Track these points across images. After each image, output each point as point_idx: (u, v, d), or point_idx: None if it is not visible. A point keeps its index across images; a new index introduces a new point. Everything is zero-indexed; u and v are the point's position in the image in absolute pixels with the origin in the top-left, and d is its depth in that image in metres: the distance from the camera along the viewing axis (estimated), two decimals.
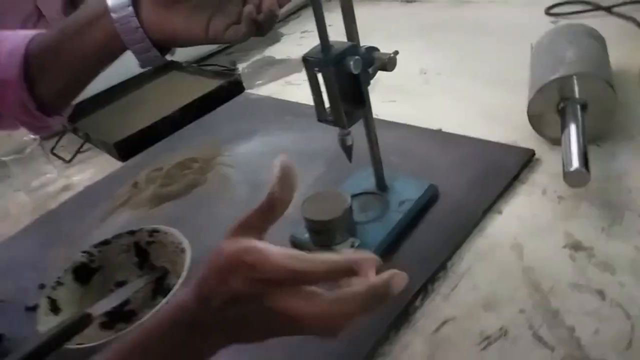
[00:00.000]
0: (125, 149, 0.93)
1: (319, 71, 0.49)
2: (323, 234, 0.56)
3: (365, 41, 0.52)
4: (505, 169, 0.62)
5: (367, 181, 0.63)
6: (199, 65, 1.20)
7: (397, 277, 0.34)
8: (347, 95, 0.51)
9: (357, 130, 0.56)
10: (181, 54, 1.25)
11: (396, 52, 0.52)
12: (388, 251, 0.55)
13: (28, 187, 0.90)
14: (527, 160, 0.62)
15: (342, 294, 0.33)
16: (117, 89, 1.19)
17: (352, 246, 0.55)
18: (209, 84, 1.05)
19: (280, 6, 0.44)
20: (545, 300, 0.46)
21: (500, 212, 0.57)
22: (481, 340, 0.45)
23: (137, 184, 0.82)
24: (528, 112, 0.64)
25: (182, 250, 0.57)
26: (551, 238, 0.52)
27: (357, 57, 0.48)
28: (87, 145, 1.02)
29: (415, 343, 0.46)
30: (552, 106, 0.61)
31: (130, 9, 0.45)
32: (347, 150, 0.54)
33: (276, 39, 1.29)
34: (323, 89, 0.50)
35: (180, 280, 0.53)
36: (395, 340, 0.47)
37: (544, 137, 0.65)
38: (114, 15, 0.45)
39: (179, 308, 0.36)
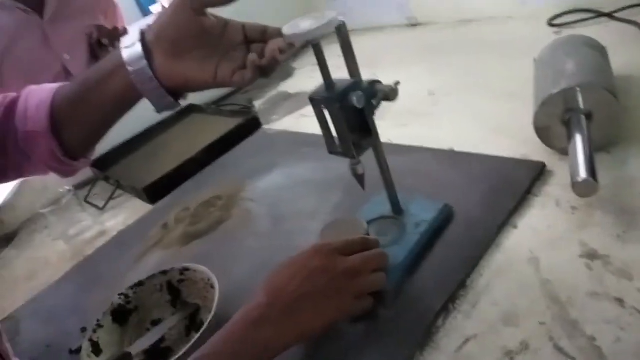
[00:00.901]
0: (154, 193, 0.98)
1: (325, 108, 0.52)
2: None
3: (373, 68, 0.55)
4: (518, 183, 0.63)
5: (383, 206, 0.65)
6: (217, 106, 1.26)
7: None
8: (354, 127, 0.54)
9: (372, 157, 0.58)
10: (200, 97, 1.32)
11: (397, 83, 0.55)
12: (408, 272, 0.57)
13: (66, 236, 0.95)
14: (538, 172, 0.63)
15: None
16: (143, 136, 1.26)
17: None
18: (228, 123, 1.10)
19: (281, 53, 0.48)
20: (565, 312, 0.47)
21: (515, 227, 0.58)
22: (503, 355, 0.45)
23: (166, 224, 0.86)
24: (534, 126, 0.65)
25: (212, 286, 0.60)
26: (567, 249, 0.53)
27: (359, 92, 0.51)
28: (118, 192, 1.08)
29: None
30: (557, 118, 0.63)
31: (145, 61, 0.50)
32: (359, 178, 0.57)
33: (289, 74, 1.34)
34: (331, 123, 0.53)
35: (211, 315, 0.56)
36: None
37: (553, 149, 0.66)
38: (130, 68, 0.50)
39: (252, 307, 0.48)
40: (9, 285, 0.93)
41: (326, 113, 0.53)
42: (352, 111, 0.52)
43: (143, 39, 0.50)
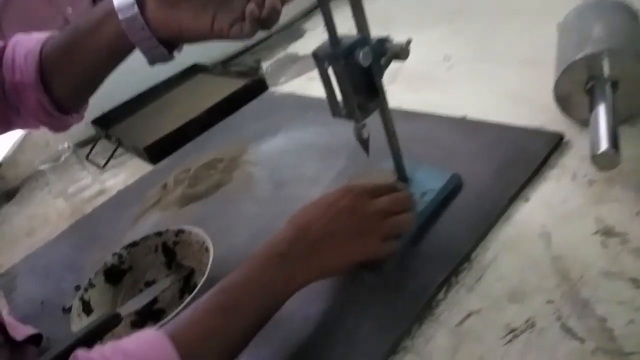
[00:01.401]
0: (155, 153, 0.96)
1: (329, 65, 0.48)
2: None
3: (387, 30, 0.51)
4: (533, 154, 0.59)
5: None
6: (223, 66, 1.22)
7: None
8: (360, 88, 0.50)
9: (379, 123, 0.55)
10: (207, 56, 1.28)
11: (409, 41, 0.51)
12: (411, 243, 0.54)
13: (65, 194, 0.93)
14: (555, 144, 0.60)
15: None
16: (147, 95, 1.23)
17: None
18: (234, 84, 1.06)
19: (283, 3, 0.44)
20: (575, 290, 0.44)
21: (527, 200, 0.55)
22: (507, 332, 0.43)
23: (166, 185, 0.84)
24: (555, 94, 0.61)
25: (207, 249, 0.58)
26: (581, 224, 0.50)
27: (367, 49, 0.47)
28: (119, 151, 1.06)
29: (439, 336, 0.45)
30: (580, 86, 0.58)
31: (136, 8, 0.46)
32: (364, 143, 0.53)
33: (300, 35, 1.29)
34: (335, 83, 0.50)
35: (203, 279, 0.54)
36: (418, 334, 0.46)
37: (573, 119, 0.62)
38: (120, 15, 0.47)
39: (278, 240, 0.47)
40: (8, 241, 0.92)
41: (330, 72, 0.50)
42: (358, 70, 0.49)
43: None
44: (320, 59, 0.48)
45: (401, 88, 0.84)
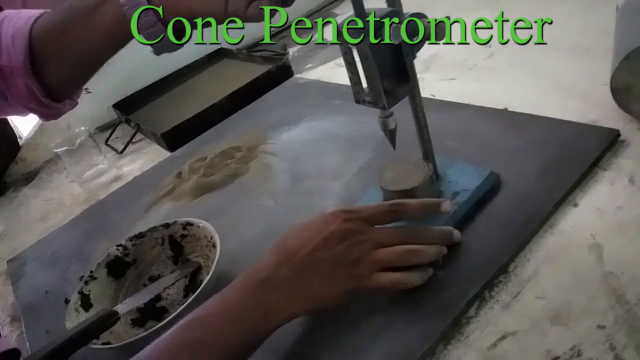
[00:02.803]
0: (173, 139, 0.92)
1: (354, 42, 0.42)
2: None
3: (427, 13, 0.44)
4: (583, 153, 0.52)
5: None
6: (249, 52, 1.17)
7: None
8: (388, 70, 0.44)
9: (407, 112, 0.49)
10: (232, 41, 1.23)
11: (447, 18, 0.44)
12: None
13: (81, 178, 0.91)
14: (610, 142, 0.52)
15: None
16: (170, 79, 1.20)
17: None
18: (258, 70, 1.01)
19: None
20: (632, 315, 0.38)
21: (575, 205, 0.49)
22: None
23: (180, 174, 0.80)
24: (612, 85, 0.54)
25: (214, 245, 0.54)
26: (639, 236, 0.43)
27: (396, 24, 0.41)
28: (139, 136, 1.03)
29: (467, 359, 0.39)
30: None
31: None
32: (390, 134, 0.48)
33: (329, 20, 1.24)
34: (360, 64, 0.44)
35: (208, 276, 0.49)
36: (443, 355, 0.41)
37: (632, 115, 0.54)
38: None
39: (259, 267, 0.42)
40: (23, 225, 0.90)
41: (355, 51, 0.44)
42: (386, 49, 0.43)
43: None
44: (342, 34, 0.42)
45: (435, 76, 0.78)
